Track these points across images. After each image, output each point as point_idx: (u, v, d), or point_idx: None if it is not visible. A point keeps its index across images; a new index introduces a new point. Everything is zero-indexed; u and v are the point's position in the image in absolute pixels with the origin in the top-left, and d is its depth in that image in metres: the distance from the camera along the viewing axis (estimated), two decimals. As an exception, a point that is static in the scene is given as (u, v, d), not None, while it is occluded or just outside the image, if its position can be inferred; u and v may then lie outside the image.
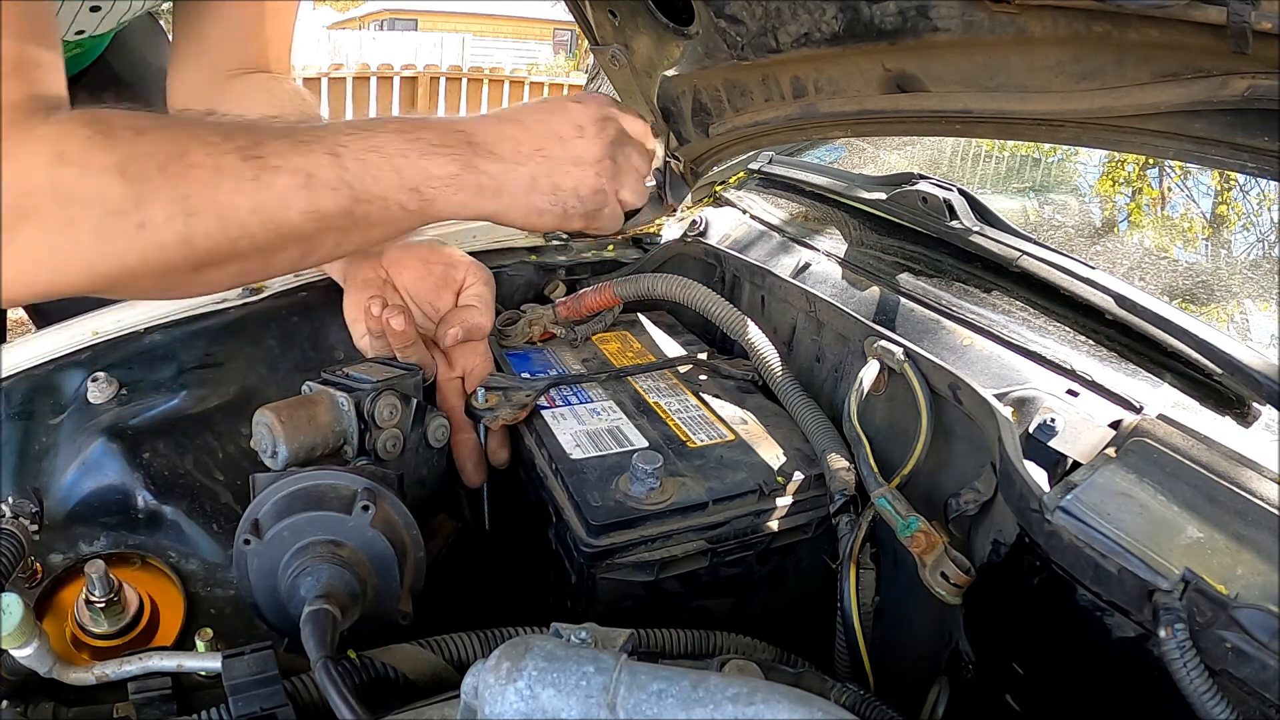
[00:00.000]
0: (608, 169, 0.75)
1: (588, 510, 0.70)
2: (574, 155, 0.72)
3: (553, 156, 0.72)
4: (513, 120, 0.72)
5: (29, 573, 0.68)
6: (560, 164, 0.72)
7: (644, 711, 0.40)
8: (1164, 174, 1.85)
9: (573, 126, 0.73)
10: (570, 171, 0.72)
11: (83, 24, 0.90)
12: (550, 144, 0.72)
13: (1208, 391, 0.73)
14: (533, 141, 0.71)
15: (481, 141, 0.69)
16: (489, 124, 0.71)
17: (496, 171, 0.69)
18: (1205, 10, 0.49)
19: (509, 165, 0.70)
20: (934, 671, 0.72)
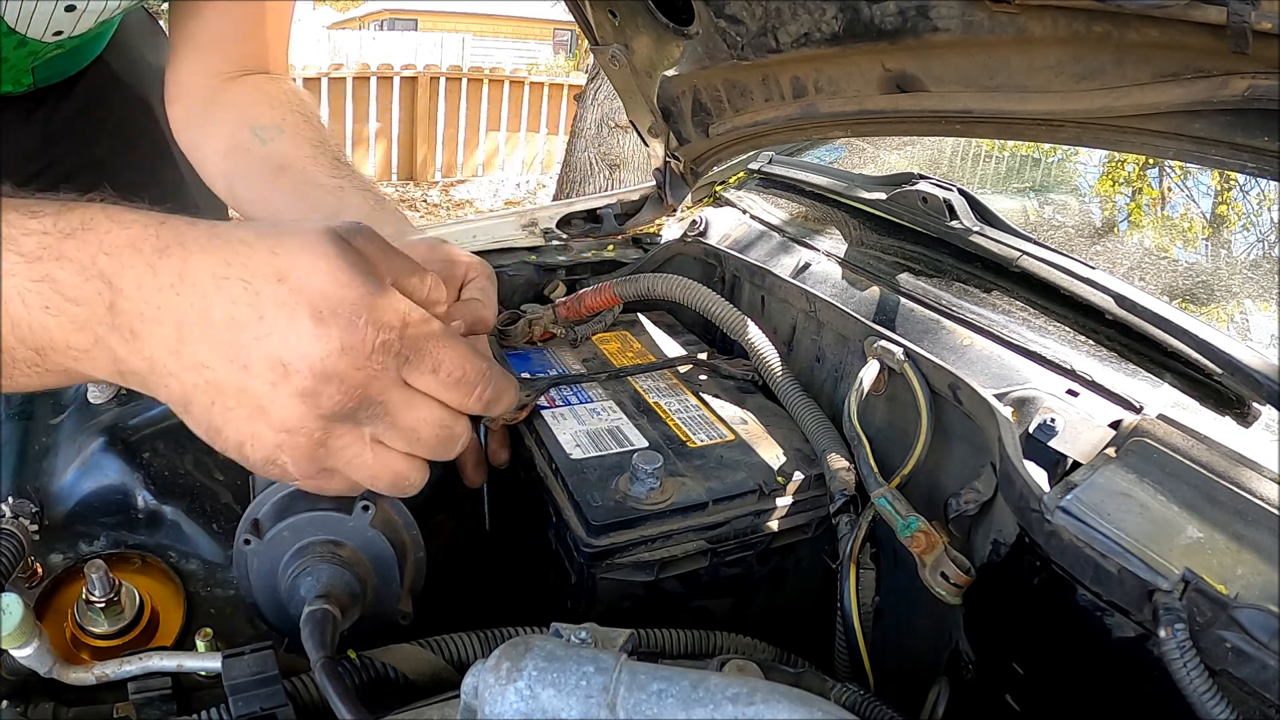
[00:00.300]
0: (297, 449, 0.47)
1: (588, 510, 0.70)
2: (252, 404, 0.46)
3: (219, 387, 0.46)
4: (194, 296, 0.45)
5: (29, 573, 0.68)
6: (226, 404, 0.46)
7: (644, 711, 0.40)
8: (1164, 174, 1.85)
9: (270, 363, 0.45)
10: (235, 420, 0.47)
11: (59, 24, 0.90)
12: (224, 368, 0.45)
13: (1208, 391, 0.73)
14: (201, 349, 0.45)
15: (130, 311, 0.45)
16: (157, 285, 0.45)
17: (137, 366, 0.46)
18: (1205, 10, 0.49)
19: (153, 369, 0.46)
20: (934, 671, 0.72)
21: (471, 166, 8.20)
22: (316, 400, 0.46)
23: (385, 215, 0.82)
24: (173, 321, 0.45)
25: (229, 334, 0.45)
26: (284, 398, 0.45)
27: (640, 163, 4.26)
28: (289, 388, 0.45)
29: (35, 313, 0.45)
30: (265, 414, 0.46)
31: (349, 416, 0.48)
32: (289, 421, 0.46)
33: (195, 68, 0.92)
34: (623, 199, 1.28)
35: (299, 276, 0.45)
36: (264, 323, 0.45)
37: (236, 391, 0.46)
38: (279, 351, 0.45)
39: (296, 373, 0.45)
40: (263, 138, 0.86)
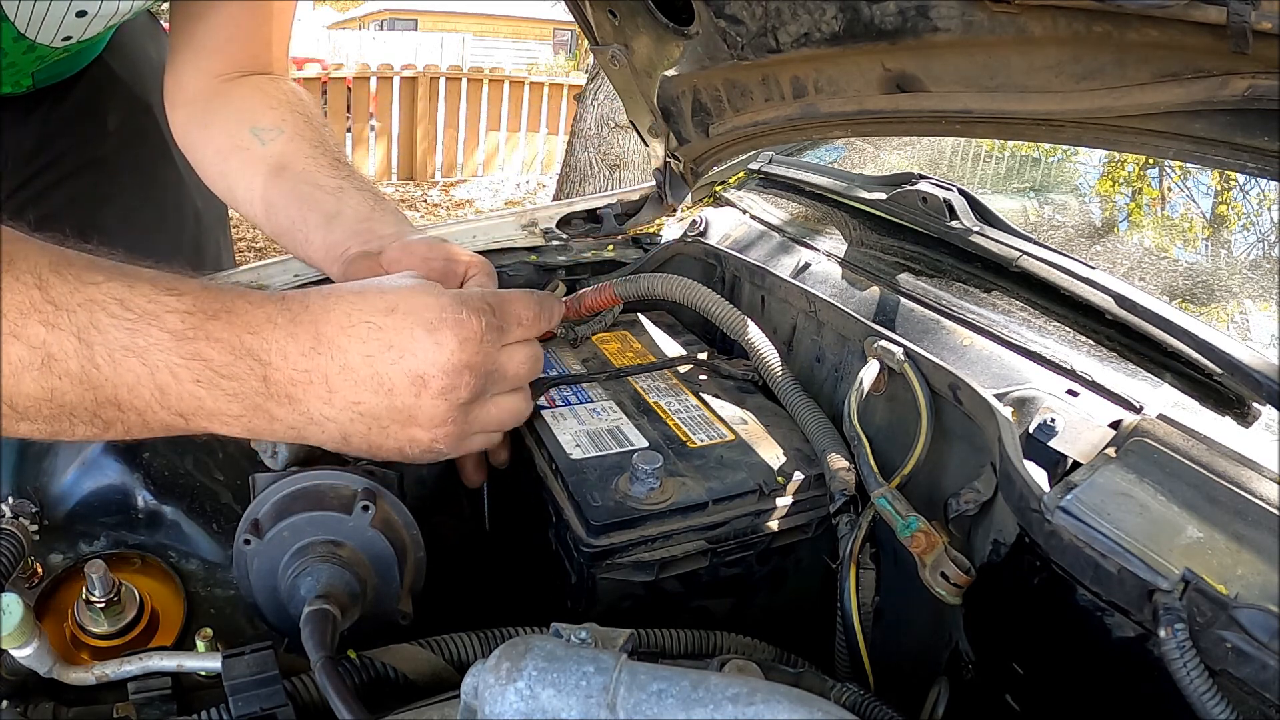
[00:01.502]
0: (448, 435, 0.58)
1: (588, 510, 0.70)
2: (404, 415, 0.55)
3: (374, 413, 0.55)
4: (333, 347, 0.53)
5: (29, 573, 0.68)
6: (382, 425, 0.55)
7: (644, 711, 0.40)
8: (1164, 174, 1.85)
9: (410, 378, 0.54)
10: (395, 434, 0.56)
11: (69, 29, 0.90)
12: (374, 398, 0.54)
13: (1208, 391, 0.73)
14: (350, 390, 0.54)
15: (282, 379, 0.52)
16: (301, 345, 0.53)
17: (295, 421, 0.54)
18: (1205, 10, 0.49)
19: (310, 418, 0.54)
20: (934, 671, 0.72)
21: (471, 166, 8.20)
22: (456, 392, 0.56)
23: (385, 215, 0.82)
24: (320, 378, 0.53)
25: (369, 369, 0.54)
26: (429, 402, 0.55)
27: (640, 163, 4.26)
28: (430, 392, 0.55)
29: (185, 385, 0.50)
30: (416, 420, 0.56)
31: (480, 394, 0.58)
32: (437, 418, 0.56)
33: (195, 69, 0.92)
34: (623, 199, 1.28)
35: (404, 302, 0.55)
36: (393, 349, 0.54)
37: (388, 411, 0.55)
38: (412, 367, 0.54)
39: (432, 378, 0.54)
40: (262, 138, 0.87)
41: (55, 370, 0.48)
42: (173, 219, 1.23)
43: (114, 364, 0.49)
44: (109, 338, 0.49)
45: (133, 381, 0.50)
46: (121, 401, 0.50)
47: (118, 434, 0.53)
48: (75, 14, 0.87)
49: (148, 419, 0.51)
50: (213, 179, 0.93)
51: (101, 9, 0.88)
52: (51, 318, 0.48)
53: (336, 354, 0.53)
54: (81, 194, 1.14)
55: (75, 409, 0.50)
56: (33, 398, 0.48)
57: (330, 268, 0.85)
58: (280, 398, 0.53)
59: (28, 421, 0.50)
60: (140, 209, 1.19)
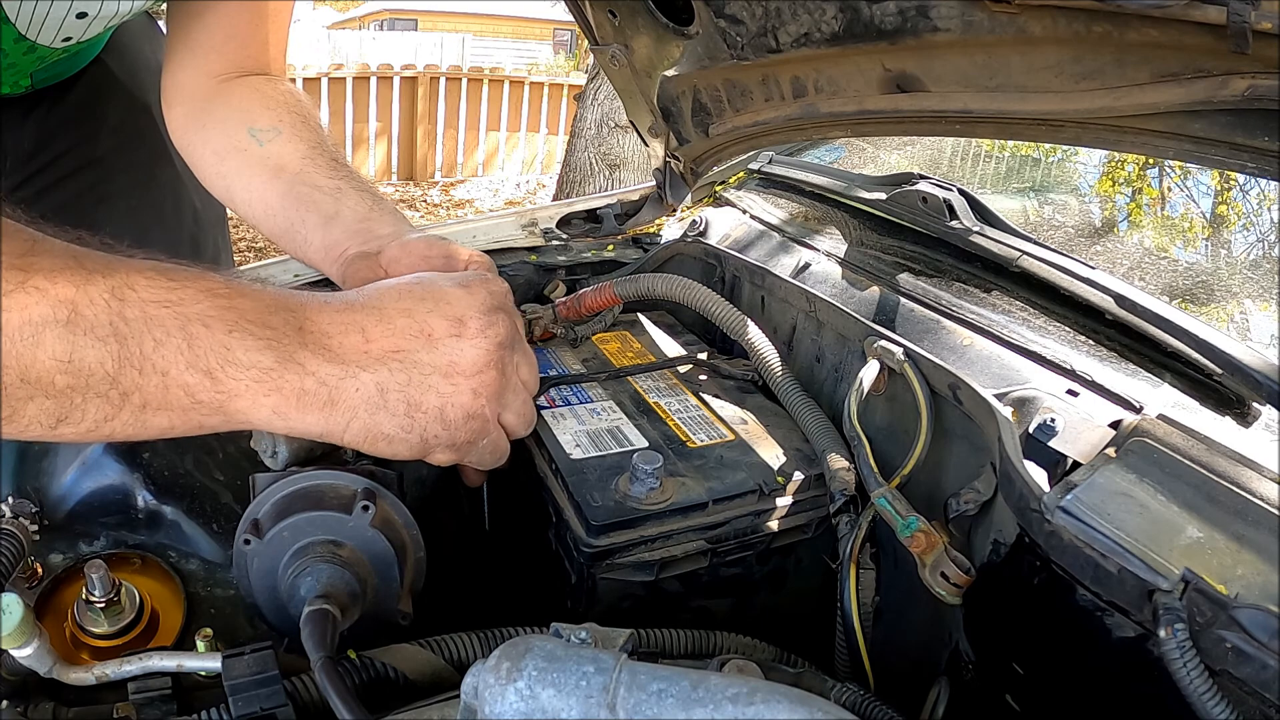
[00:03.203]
0: (491, 384, 0.57)
1: (588, 510, 0.70)
2: (445, 361, 0.54)
3: (414, 361, 0.54)
4: (367, 306, 0.54)
5: (29, 573, 0.68)
6: (423, 373, 0.54)
7: (644, 711, 0.40)
8: (1164, 174, 1.85)
9: (449, 320, 0.55)
10: (436, 386, 0.54)
11: (70, 31, 0.90)
12: (413, 343, 0.54)
13: (1208, 391, 0.73)
14: (388, 338, 0.53)
15: (318, 330, 0.52)
16: (335, 306, 0.54)
17: (328, 375, 0.52)
18: (1205, 10, 0.49)
19: (348, 369, 0.52)
20: (934, 671, 0.72)
21: (471, 166, 8.20)
22: (495, 331, 0.57)
23: (383, 215, 0.82)
24: (357, 329, 0.53)
25: (406, 320, 0.55)
26: (469, 342, 0.56)
27: (640, 163, 4.25)
28: (470, 333, 0.56)
29: (217, 334, 0.49)
30: (457, 365, 0.55)
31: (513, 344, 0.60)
32: (479, 359, 0.56)
33: (193, 70, 0.92)
34: (623, 199, 1.28)
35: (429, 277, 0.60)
36: (427, 300, 0.56)
37: (430, 358, 0.54)
38: (449, 311, 0.56)
39: (471, 319, 0.56)
40: (260, 139, 0.86)
41: (80, 326, 0.46)
42: (171, 219, 1.23)
43: (145, 316, 0.48)
44: (143, 294, 0.48)
45: (161, 335, 0.48)
46: (146, 360, 0.48)
47: (130, 413, 0.49)
48: (76, 15, 0.87)
49: (169, 383, 0.48)
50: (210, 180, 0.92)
51: (102, 10, 0.88)
52: (84, 278, 0.47)
53: (372, 310, 0.54)
54: (80, 194, 1.14)
55: (93, 373, 0.47)
56: (51, 359, 0.46)
57: (329, 268, 0.85)
58: (315, 347, 0.51)
59: (37, 399, 0.47)
60: (139, 209, 1.19)
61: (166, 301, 0.48)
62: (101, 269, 0.48)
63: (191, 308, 0.49)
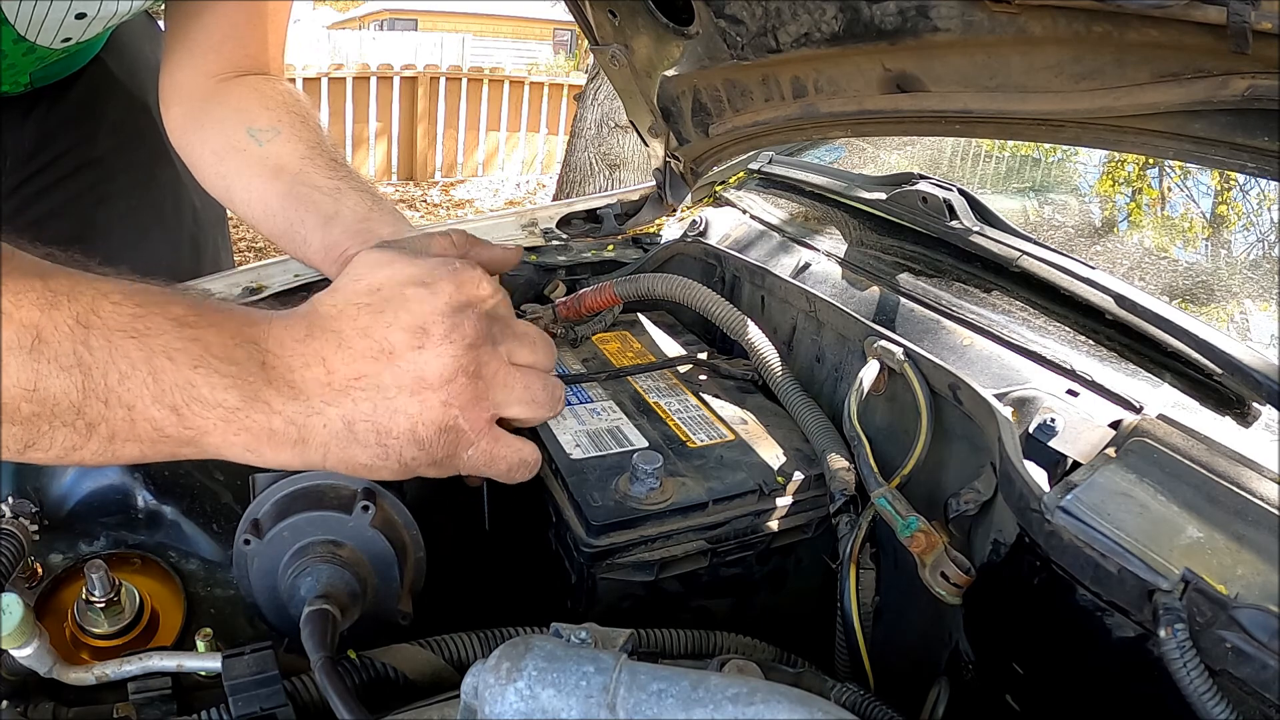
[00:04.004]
0: (462, 392, 0.52)
1: (588, 510, 0.70)
2: (410, 378, 0.51)
3: (377, 386, 0.50)
4: (326, 331, 0.51)
5: (29, 573, 0.68)
6: (388, 396, 0.51)
7: (644, 711, 0.40)
8: (1164, 174, 1.85)
9: (409, 331, 0.51)
10: (404, 408, 0.51)
11: (69, 31, 0.90)
12: (374, 366, 0.50)
13: (1208, 391, 0.73)
14: (349, 365, 0.50)
15: (280, 365, 0.50)
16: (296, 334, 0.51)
17: (295, 413, 0.49)
18: (1205, 10, 0.49)
19: (313, 405, 0.50)
20: (934, 671, 0.72)
21: (471, 166, 8.20)
22: (461, 331, 0.52)
23: (383, 215, 0.82)
24: (318, 360, 0.50)
25: (365, 341, 0.51)
26: (433, 351, 0.51)
27: (640, 163, 4.25)
28: (433, 339, 0.51)
29: (182, 369, 0.47)
30: (424, 379, 0.51)
31: (488, 338, 0.54)
32: (446, 368, 0.51)
33: (191, 70, 0.92)
34: (623, 199, 1.28)
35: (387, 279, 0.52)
36: (385, 314, 0.51)
37: (393, 377, 0.51)
38: (409, 321, 0.51)
39: (433, 324, 0.51)
40: (259, 139, 0.86)
41: (45, 354, 0.45)
42: (171, 219, 1.23)
43: (110, 346, 0.46)
44: (109, 322, 0.46)
45: (126, 368, 0.46)
46: (111, 393, 0.46)
47: (99, 443, 0.48)
48: (75, 16, 0.87)
49: (136, 418, 0.47)
50: (209, 180, 0.92)
51: (101, 10, 0.88)
52: (50, 301, 0.45)
53: (331, 336, 0.51)
54: (80, 194, 1.14)
55: (58, 403, 0.46)
56: (15, 388, 0.44)
57: (329, 268, 0.84)
58: (280, 384, 0.49)
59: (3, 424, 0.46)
60: (138, 209, 1.19)
61: (133, 331, 0.47)
62: (68, 291, 0.46)
63: (157, 339, 0.47)
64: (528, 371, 0.57)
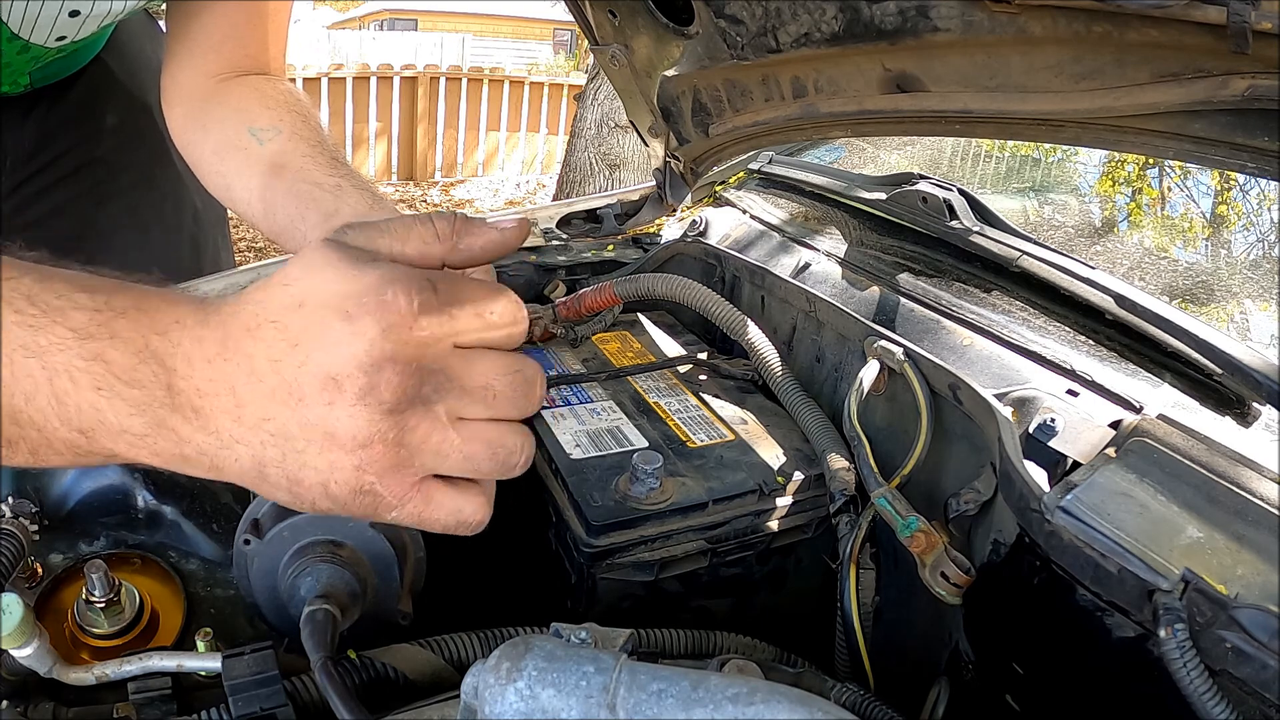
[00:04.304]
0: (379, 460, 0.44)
1: (588, 510, 0.70)
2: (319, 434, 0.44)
3: (285, 434, 0.44)
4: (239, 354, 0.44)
5: (29, 573, 0.68)
6: (297, 447, 0.44)
7: (644, 711, 0.40)
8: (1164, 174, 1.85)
9: (320, 380, 0.43)
10: (312, 461, 0.44)
11: (63, 29, 0.90)
12: (283, 411, 0.44)
13: (1208, 391, 0.73)
14: (257, 404, 0.44)
15: (187, 387, 0.44)
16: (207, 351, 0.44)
17: (204, 445, 0.45)
18: (1205, 10, 0.49)
19: (222, 440, 0.45)
20: (934, 671, 0.72)
21: (471, 166, 8.20)
22: (377, 394, 0.43)
23: (383, 213, 0.82)
24: (227, 388, 0.44)
25: (276, 377, 0.43)
26: (345, 410, 0.43)
27: (640, 163, 4.25)
28: (346, 397, 0.43)
29: (85, 392, 0.43)
30: (335, 438, 0.44)
31: (415, 399, 0.44)
32: (359, 433, 0.43)
33: (191, 70, 0.92)
34: (623, 199, 1.28)
35: (313, 293, 0.44)
36: (300, 348, 0.43)
37: (301, 428, 0.44)
38: (323, 367, 0.43)
39: (348, 378, 0.43)
40: (260, 138, 0.86)
41: None
42: (171, 218, 1.23)
43: (12, 366, 0.43)
44: (11, 336, 0.43)
45: (30, 389, 0.43)
46: (19, 414, 0.44)
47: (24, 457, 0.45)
48: (68, 14, 0.87)
49: (49, 437, 0.44)
50: (210, 179, 0.92)
51: (94, 9, 0.88)
52: None
53: (243, 359, 0.44)
54: (80, 194, 1.14)
55: None
56: None
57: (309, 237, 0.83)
58: (186, 411, 0.44)
59: None
60: (139, 209, 1.19)
61: (33, 349, 0.43)
62: None
63: (56, 357, 0.43)
64: (474, 430, 0.47)
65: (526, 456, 0.49)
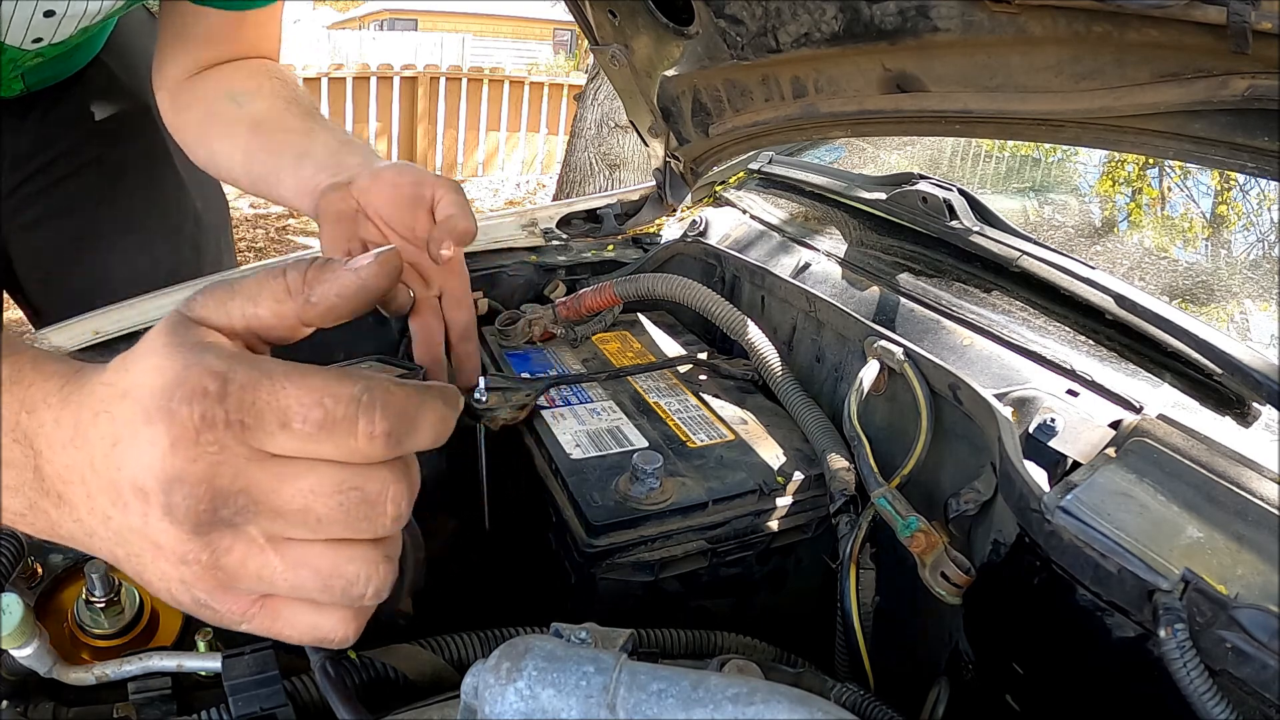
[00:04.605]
0: (200, 580, 0.40)
1: (588, 510, 0.70)
2: (147, 543, 0.40)
3: (122, 536, 0.41)
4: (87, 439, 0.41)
5: (29, 573, 0.68)
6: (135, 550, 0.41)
7: (644, 711, 0.40)
8: (1164, 174, 1.85)
9: (132, 489, 0.39)
10: (149, 568, 0.41)
11: (39, 31, 0.89)
12: (116, 512, 0.40)
13: (1208, 391, 0.73)
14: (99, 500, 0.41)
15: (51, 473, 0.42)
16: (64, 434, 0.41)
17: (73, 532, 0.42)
18: (1205, 10, 0.49)
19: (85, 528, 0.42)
20: (934, 671, 0.72)
21: (471, 166, 8.20)
22: (174, 515, 0.38)
23: (353, 149, 0.82)
24: (79, 477, 0.41)
25: (105, 478, 0.40)
26: (156, 524, 0.39)
27: (640, 163, 4.25)
28: (155, 511, 0.38)
29: None
30: (160, 549, 0.40)
31: (216, 522, 0.39)
32: (175, 549, 0.39)
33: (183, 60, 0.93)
34: (623, 199, 1.28)
35: (135, 385, 0.39)
36: (118, 448, 0.39)
37: (132, 534, 0.40)
38: (132, 475, 0.39)
39: (151, 491, 0.38)
40: (239, 101, 0.88)
41: None
42: (173, 221, 1.23)
43: None
44: None
45: None
46: None
47: None
48: (43, 14, 0.87)
49: None
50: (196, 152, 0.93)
51: (69, 9, 0.87)
52: None
53: (87, 450, 0.40)
54: (80, 195, 1.14)
55: None
56: None
57: (304, 204, 0.81)
58: (53, 496, 0.42)
59: None
60: (139, 210, 1.19)
61: None
62: None
63: None
64: (301, 554, 0.41)
65: (375, 588, 0.44)
